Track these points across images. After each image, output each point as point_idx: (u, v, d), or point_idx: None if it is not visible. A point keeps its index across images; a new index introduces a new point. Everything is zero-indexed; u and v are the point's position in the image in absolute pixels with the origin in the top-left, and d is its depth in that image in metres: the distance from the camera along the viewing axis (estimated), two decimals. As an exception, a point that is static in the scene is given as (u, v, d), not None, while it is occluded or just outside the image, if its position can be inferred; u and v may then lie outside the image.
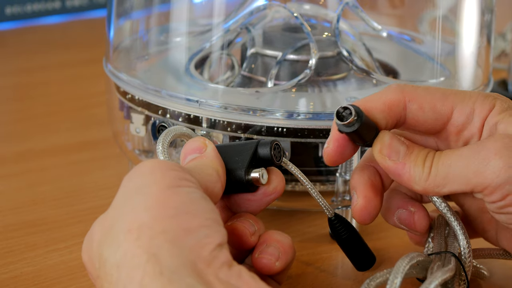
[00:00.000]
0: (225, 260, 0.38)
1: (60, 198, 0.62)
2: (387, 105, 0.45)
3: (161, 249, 0.37)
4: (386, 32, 0.64)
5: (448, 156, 0.43)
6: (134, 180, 0.40)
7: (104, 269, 0.38)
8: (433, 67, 0.61)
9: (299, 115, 0.53)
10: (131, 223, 0.38)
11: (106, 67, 0.61)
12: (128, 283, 0.36)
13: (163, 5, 0.62)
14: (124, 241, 0.37)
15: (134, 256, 0.37)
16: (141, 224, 0.38)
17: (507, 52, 0.94)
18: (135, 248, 0.37)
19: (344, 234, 0.49)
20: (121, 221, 0.38)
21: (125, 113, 0.59)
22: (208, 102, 0.54)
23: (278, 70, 0.58)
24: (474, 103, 0.45)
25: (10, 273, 0.52)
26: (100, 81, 0.64)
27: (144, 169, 0.40)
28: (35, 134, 0.74)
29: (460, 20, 0.61)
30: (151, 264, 0.36)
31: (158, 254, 0.36)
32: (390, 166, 0.44)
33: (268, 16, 0.61)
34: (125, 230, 0.38)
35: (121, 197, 0.40)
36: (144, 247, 0.37)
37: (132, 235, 0.37)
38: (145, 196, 0.39)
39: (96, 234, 0.39)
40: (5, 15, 1.04)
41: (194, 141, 0.45)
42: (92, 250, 0.40)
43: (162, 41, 0.62)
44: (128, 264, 0.37)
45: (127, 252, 0.37)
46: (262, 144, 0.46)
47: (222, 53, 0.60)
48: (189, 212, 0.38)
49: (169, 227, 0.37)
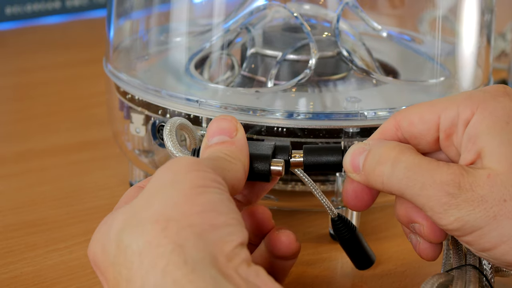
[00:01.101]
0: (245, 258, 0.39)
1: (60, 198, 0.62)
2: (382, 134, 0.45)
3: (187, 241, 0.37)
4: (386, 32, 0.64)
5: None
6: (167, 175, 0.41)
7: (124, 255, 0.38)
8: (433, 67, 0.61)
9: (299, 115, 0.53)
10: (159, 215, 0.38)
11: (106, 67, 0.61)
12: (150, 269, 0.37)
13: (163, 5, 0.62)
14: (150, 230, 0.38)
15: (159, 246, 0.37)
16: (169, 217, 0.38)
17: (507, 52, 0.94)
18: (161, 238, 0.37)
19: (346, 234, 0.50)
20: (148, 211, 0.39)
21: (125, 113, 0.59)
22: (208, 102, 0.54)
23: (278, 70, 0.58)
24: (458, 106, 0.44)
25: (10, 273, 0.52)
26: (100, 81, 0.64)
27: (179, 167, 0.41)
28: (35, 134, 0.74)
29: (460, 20, 0.61)
30: (176, 253, 0.37)
31: (183, 245, 0.37)
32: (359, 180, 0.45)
33: (268, 16, 0.61)
34: (152, 221, 0.38)
35: (152, 189, 0.40)
36: (171, 237, 0.37)
37: (159, 226, 0.38)
38: (175, 192, 0.39)
39: (117, 222, 0.40)
40: (5, 15, 1.04)
41: (224, 120, 0.45)
42: (108, 238, 0.40)
43: (162, 41, 0.62)
44: (152, 252, 0.37)
45: (152, 241, 0.37)
46: (280, 147, 0.46)
47: (222, 53, 0.60)
48: (215, 210, 0.39)
49: (196, 221, 0.38)
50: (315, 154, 0.46)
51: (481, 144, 0.42)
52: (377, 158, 0.44)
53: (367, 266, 0.51)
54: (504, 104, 0.43)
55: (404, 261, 0.55)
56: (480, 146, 0.42)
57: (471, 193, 0.41)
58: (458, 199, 0.41)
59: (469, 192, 0.41)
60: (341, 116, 0.53)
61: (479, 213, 0.41)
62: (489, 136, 0.42)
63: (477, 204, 0.41)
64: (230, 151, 0.44)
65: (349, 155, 0.45)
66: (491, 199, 0.41)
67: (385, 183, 0.43)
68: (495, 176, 0.41)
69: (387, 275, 0.53)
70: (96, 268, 0.41)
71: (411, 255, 0.55)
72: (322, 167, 0.46)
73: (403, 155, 0.43)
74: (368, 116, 0.53)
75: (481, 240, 0.41)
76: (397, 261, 0.55)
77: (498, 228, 0.41)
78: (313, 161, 0.46)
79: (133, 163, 0.62)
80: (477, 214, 0.41)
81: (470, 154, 0.43)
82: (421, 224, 0.45)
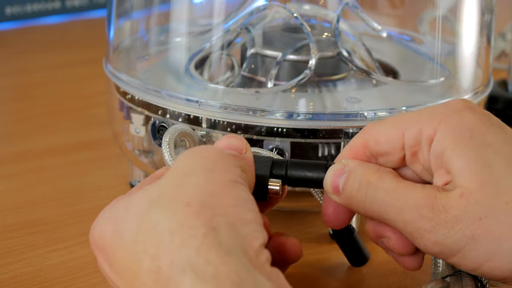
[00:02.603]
0: (268, 258, 0.39)
1: (60, 198, 0.62)
2: (351, 152, 0.45)
3: (221, 227, 0.38)
4: (386, 33, 0.64)
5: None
6: (196, 160, 0.41)
7: (152, 233, 0.38)
8: (433, 67, 0.61)
9: (299, 115, 0.53)
10: (193, 199, 0.39)
11: (106, 67, 0.61)
12: (182, 247, 0.37)
13: (163, 5, 0.62)
14: (183, 211, 0.38)
15: (192, 227, 0.38)
16: (202, 203, 0.39)
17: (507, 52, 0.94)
18: (194, 220, 0.38)
19: (344, 234, 0.50)
20: (180, 193, 0.39)
21: (125, 113, 0.59)
22: (208, 102, 0.54)
23: (278, 71, 0.58)
24: (421, 123, 0.43)
25: (10, 273, 0.52)
26: (100, 81, 0.64)
27: (208, 154, 0.41)
28: (35, 134, 0.74)
29: (460, 20, 0.61)
30: (210, 236, 0.37)
31: (217, 229, 0.38)
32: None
33: (268, 17, 0.61)
34: (184, 202, 0.38)
35: (181, 171, 0.41)
36: (205, 220, 0.38)
37: (192, 209, 0.38)
38: (208, 180, 0.40)
39: (142, 200, 0.40)
40: (5, 15, 1.04)
41: (235, 139, 0.46)
42: (126, 217, 0.40)
43: (162, 41, 0.62)
44: (185, 232, 0.37)
45: (185, 222, 0.38)
46: (277, 162, 0.47)
47: (222, 53, 0.60)
48: (245, 206, 0.40)
49: (229, 212, 0.39)
50: (298, 169, 0.46)
51: (449, 162, 0.41)
52: (358, 184, 0.43)
53: (362, 263, 0.53)
54: (466, 119, 0.42)
55: (404, 262, 0.55)
56: (449, 165, 0.42)
57: (445, 215, 0.40)
58: (432, 222, 0.40)
59: (443, 214, 0.40)
60: (341, 117, 0.53)
61: (455, 235, 0.40)
62: (455, 153, 0.41)
63: (452, 225, 0.40)
64: (240, 163, 0.44)
65: (329, 176, 0.45)
66: (466, 219, 0.40)
67: (366, 208, 0.43)
68: (467, 194, 0.40)
69: (387, 275, 0.53)
70: (99, 250, 0.41)
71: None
72: (305, 182, 0.46)
73: (382, 180, 0.43)
74: (368, 117, 0.53)
75: (465, 261, 0.41)
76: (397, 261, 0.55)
77: (478, 248, 0.40)
78: (296, 176, 0.46)
79: (133, 163, 0.62)
80: (453, 236, 0.40)
81: (441, 173, 0.42)
82: (389, 237, 0.45)
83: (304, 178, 0.46)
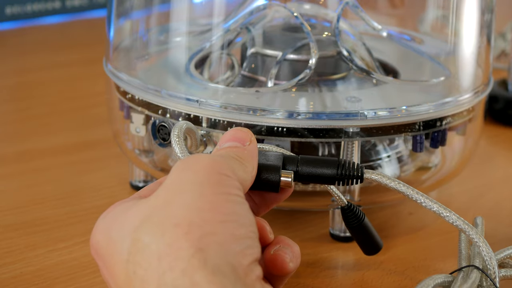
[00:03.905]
0: (259, 275, 0.39)
1: (60, 198, 0.62)
2: None
3: (209, 247, 0.37)
4: (386, 32, 0.64)
5: None
6: (187, 174, 0.40)
7: (141, 255, 0.38)
8: (433, 66, 0.61)
9: (299, 114, 0.53)
10: (181, 219, 0.38)
11: (106, 67, 0.61)
12: (168, 270, 0.37)
13: (163, 5, 0.62)
14: (172, 232, 0.38)
15: (180, 249, 0.37)
16: (191, 221, 0.38)
17: (507, 52, 0.94)
18: (182, 242, 0.37)
19: (355, 222, 0.50)
20: (169, 213, 0.39)
21: (125, 113, 0.59)
22: (208, 101, 0.54)
23: (278, 70, 0.58)
24: None
25: (10, 273, 0.52)
26: (100, 81, 0.64)
27: (199, 167, 0.41)
28: (35, 134, 0.74)
29: (460, 20, 0.61)
30: (196, 257, 0.37)
31: (205, 250, 0.37)
32: None
33: (268, 16, 0.61)
34: (172, 223, 0.38)
35: (172, 188, 0.40)
36: (193, 241, 0.37)
37: (181, 230, 0.38)
38: (198, 196, 0.39)
39: (134, 218, 0.39)
40: (5, 15, 1.04)
41: (240, 131, 0.45)
42: (121, 232, 0.39)
43: (162, 41, 0.62)
44: (173, 254, 0.37)
45: (173, 244, 0.37)
46: (289, 158, 0.46)
47: (222, 53, 0.60)
48: (237, 221, 0.39)
49: (218, 230, 0.38)
50: (310, 165, 0.46)
51: None
52: None
53: (375, 252, 0.52)
54: None
55: (404, 261, 0.55)
56: None
57: None
58: None
59: None
60: (341, 116, 0.53)
61: None
62: None
63: None
64: (241, 154, 0.44)
65: None
66: None
67: None
68: None
69: (387, 274, 0.53)
70: (97, 257, 0.41)
71: (411, 254, 0.55)
72: (316, 178, 0.46)
73: None
74: (368, 116, 0.53)
75: None
76: (397, 261, 0.55)
77: None
78: (308, 172, 0.46)
79: (133, 163, 0.62)
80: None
81: None
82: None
83: (315, 174, 0.46)
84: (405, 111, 0.55)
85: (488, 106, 0.64)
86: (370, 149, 0.59)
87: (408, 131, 0.55)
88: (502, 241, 0.56)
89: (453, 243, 0.52)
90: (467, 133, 0.60)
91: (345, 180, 0.46)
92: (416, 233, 0.58)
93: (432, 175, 0.61)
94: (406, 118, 0.55)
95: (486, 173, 0.70)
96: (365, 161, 0.58)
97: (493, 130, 0.77)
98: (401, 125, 0.55)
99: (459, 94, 0.58)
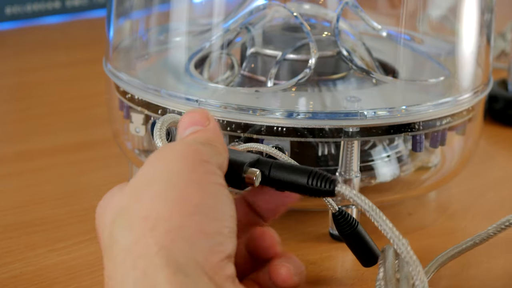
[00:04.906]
0: (230, 274, 0.37)
1: (59, 198, 0.62)
2: None
3: (173, 244, 0.36)
4: (385, 32, 0.64)
5: None
6: (161, 163, 0.39)
7: (112, 250, 0.37)
8: (433, 66, 0.61)
9: (299, 114, 0.53)
10: (149, 211, 0.37)
11: (106, 67, 0.61)
12: (131, 270, 0.36)
13: (163, 5, 0.62)
14: (138, 227, 0.36)
15: (145, 245, 0.36)
16: (158, 214, 0.37)
17: (507, 52, 0.94)
18: (147, 238, 0.36)
19: (347, 230, 0.48)
20: (139, 205, 0.37)
21: (124, 112, 0.59)
22: (208, 101, 0.54)
23: (277, 70, 0.58)
24: None
25: (9, 273, 0.52)
26: (100, 81, 0.64)
27: (173, 155, 0.39)
28: (35, 134, 0.74)
29: (460, 20, 0.61)
30: (159, 255, 0.36)
31: (169, 248, 0.36)
32: None
33: (268, 16, 0.61)
34: (141, 216, 0.37)
35: (143, 179, 0.39)
36: (157, 238, 0.36)
37: (147, 224, 0.36)
38: (168, 186, 0.37)
39: (111, 210, 0.38)
40: (5, 15, 1.04)
41: (194, 113, 0.43)
42: (104, 224, 0.39)
43: (161, 40, 0.62)
44: (137, 252, 0.36)
45: (139, 240, 0.36)
46: (263, 162, 0.44)
47: (222, 53, 0.60)
48: (209, 214, 0.38)
49: (186, 224, 0.37)
50: (282, 170, 0.44)
51: None
52: None
53: (372, 262, 0.49)
54: None
55: (404, 261, 0.55)
56: None
57: None
58: None
59: None
60: (341, 116, 0.53)
61: None
62: None
63: None
64: (206, 137, 0.41)
65: None
66: None
67: None
68: None
69: (387, 274, 0.53)
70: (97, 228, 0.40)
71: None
72: (287, 185, 0.44)
73: None
74: (368, 116, 0.53)
75: None
76: (397, 261, 0.55)
77: None
78: (278, 177, 0.44)
79: (133, 163, 0.62)
80: None
81: None
82: None
83: (286, 180, 0.44)
84: (405, 111, 0.55)
85: (488, 106, 0.64)
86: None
87: (408, 131, 0.55)
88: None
89: (453, 244, 0.52)
90: (467, 133, 0.60)
91: (315, 191, 0.44)
92: (415, 233, 0.58)
93: (432, 175, 0.61)
94: (405, 117, 0.55)
95: (486, 173, 0.69)
96: (365, 161, 0.58)
97: (493, 130, 0.77)
98: (401, 124, 0.55)
99: (459, 94, 0.58)
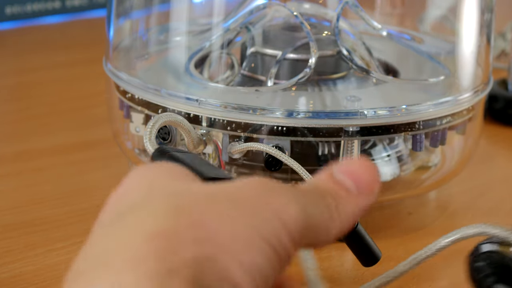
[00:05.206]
0: None
1: (59, 198, 0.62)
2: None
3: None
4: (386, 31, 0.64)
5: None
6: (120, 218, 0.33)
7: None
8: (433, 66, 0.61)
9: (299, 114, 0.53)
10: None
11: (106, 66, 0.61)
12: None
13: (163, 4, 0.62)
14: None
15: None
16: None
17: (507, 52, 0.94)
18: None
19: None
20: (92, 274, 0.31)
21: (125, 112, 0.59)
22: (208, 101, 0.54)
23: (278, 69, 0.58)
24: None
25: (9, 273, 0.52)
26: (100, 81, 0.64)
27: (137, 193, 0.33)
28: (35, 134, 0.74)
29: (460, 20, 0.61)
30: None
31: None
32: None
33: (268, 15, 0.61)
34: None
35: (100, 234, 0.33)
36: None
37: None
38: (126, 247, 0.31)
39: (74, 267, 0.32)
40: (5, 15, 1.04)
41: (368, 169, 0.36)
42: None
43: (162, 40, 0.62)
44: None
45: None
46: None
47: (222, 52, 0.59)
48: None
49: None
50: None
51: None
52: None
53: (373, 262, 0.49)
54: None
55: (403, 261, 0.54)
56: None
57: None
58: None
59: None
60: (341, 115, 0.53)
61: None
62: None
63: None
64: (343, 207, 0.34)
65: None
66: None
67: None
68: None
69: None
70: None
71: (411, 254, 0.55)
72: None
73: None
74: (368, 115, 0.53)
75: None
76: (397, 261, 0.54)
77: None
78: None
79: (133, 163, 0.62)
80: None
81: None
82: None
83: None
84: (405, 110, 0.55)
85: (488, 106, 0.64)
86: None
87: (408, 130, 0.55)
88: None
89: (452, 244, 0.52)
90: (467, 132, 0.60)
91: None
92: (415, 233, 0.58)
93: (432, 175, 0.61)
94: (406, 117, 0.55)
95: (486, 172, 0.69)
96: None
97: (493, 129, 0.77)
98: (401, 124, 0.55)
99: (459, 93, 0.58)
